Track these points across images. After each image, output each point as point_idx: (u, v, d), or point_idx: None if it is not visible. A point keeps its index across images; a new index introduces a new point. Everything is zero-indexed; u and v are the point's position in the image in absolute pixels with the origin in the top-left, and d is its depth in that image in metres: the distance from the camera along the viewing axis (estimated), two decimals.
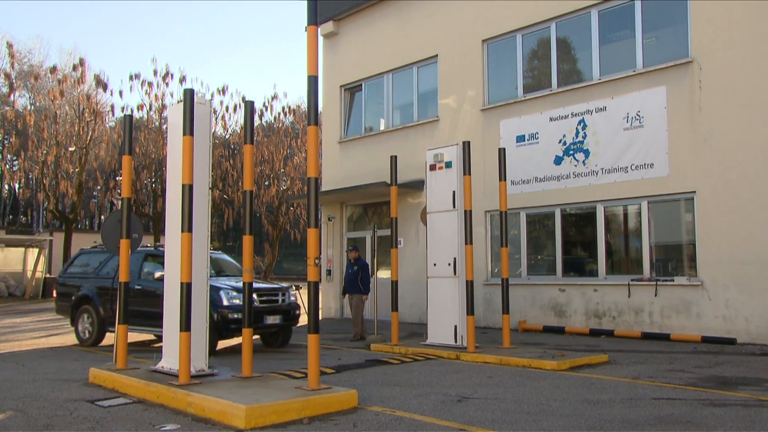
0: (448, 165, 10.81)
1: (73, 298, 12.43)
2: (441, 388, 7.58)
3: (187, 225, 7.18)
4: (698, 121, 11.60)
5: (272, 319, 10.89)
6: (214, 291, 10.20)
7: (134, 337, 12.72)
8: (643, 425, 5.80)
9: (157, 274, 10.73)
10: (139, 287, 11.29)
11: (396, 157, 11.79)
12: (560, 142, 13.44)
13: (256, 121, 38.18)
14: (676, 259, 12.28)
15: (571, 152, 13.27)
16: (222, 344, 11.53)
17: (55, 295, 13.25)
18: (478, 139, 14.38)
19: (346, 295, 13.44)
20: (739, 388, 7.36)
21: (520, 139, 14.11)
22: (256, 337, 11.10)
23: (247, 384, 7.16)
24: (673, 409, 6.42)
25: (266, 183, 38.48)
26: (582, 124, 13.13)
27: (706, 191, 11.47)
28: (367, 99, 18.11)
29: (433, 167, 11.06)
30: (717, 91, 11.43)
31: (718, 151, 11.35)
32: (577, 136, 13.19)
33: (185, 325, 7.07)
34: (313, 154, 7.07)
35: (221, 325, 10.25)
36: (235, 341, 11.48)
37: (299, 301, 11.44)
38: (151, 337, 12.69)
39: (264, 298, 10.90)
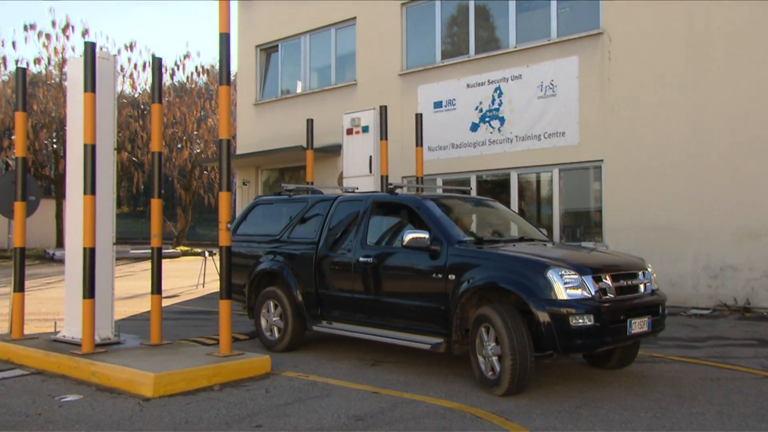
0: (365, 129, 10.74)
1: (249, 274, 8.14)
2: (357, 353, 7.61)
3: (90, 187, 6.78)
4: (607, 92, 11.99)
5: (639, 326, 5.70)
6: (535, 270, 5.61)
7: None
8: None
9: (409, 237, 6.22)
10: (365, 259, 6.84)
11: (312, 120, 11.57)
12: (477, 109, 13.59)
13: (168, 81, 36.62)
14: (584, 225, 12.77)
15: (487, 119, 13.46)
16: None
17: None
18: (396, 104, 14.33)
19: None
20: None
21: (438, 105, 14.16)
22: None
23: (155, 352, 6.93)
24: (561, 370, 6.71)
25: (179, 146, 37.18)
26: (498, 91, 13.31)
27: (612, 160, 11.93)
28: (283, 60, 17.64)
29: (350, 131, 10.97)
30: (625, 63, 11.82)
31: (625, 122, 11.80)
32: (493, 104, 13.37)
33: (89, 292, 6.73)
34: (225, 115, 6.82)
35: (554, 336, 5.36)
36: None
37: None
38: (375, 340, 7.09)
39: (621, 283, 5.81)
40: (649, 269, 6.33)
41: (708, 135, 10.91)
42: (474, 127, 13.62)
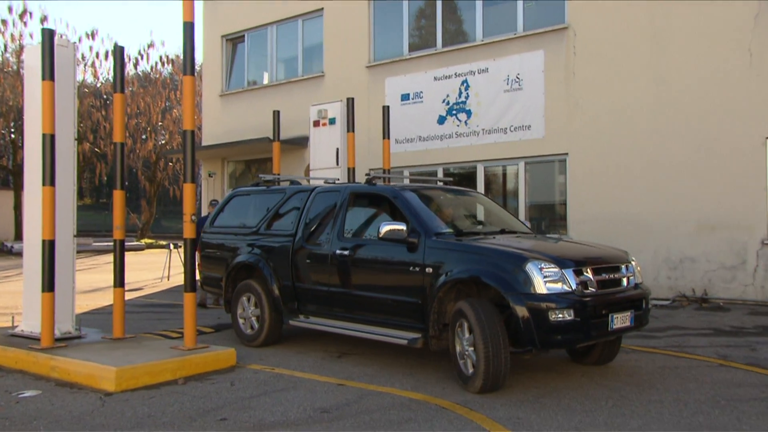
0: (332, 122, 10.68)
1: (226, 267, 7.94)
2: (323, 345, 7.60)
3: (49, 178, 6.64)
4: (572, 86, 12.14)
5: (621, 321, 5.56)
6: (513, 263, 5.46)
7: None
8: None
9: (385, 229, 6.02)
10: (342, 251, 6.68)
11: (279, 112, 11.47)
12: (444, 101, 13.63)
13: (131, 71, 35.94)
14: (549, 218, 12.94)
15: (454, 112, 13.52)
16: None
17: (199, 261, 8.42)
18: (364, 96, 14.29)
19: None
20: None
21: (405, 97, 14.17)
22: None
23: (118, 345, 6.83)
24: (525, 361, 6.81)
25: (143, 137, 36.58)
26: (465, 84, 13.37)
27: (577, 154, 12.10)
28: (250, 51, 17.44)
29: (316, 123, 10.90)
30: (589, 58, 11.98)
31: (589, 116, 11.96)
32: (460, 97, 13.43)
33: (48, 285, 6.59)
34: (189, 106, 6.72)
35: (533, 332, 5.21)
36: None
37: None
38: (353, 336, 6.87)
39: (604, 277, 5.66)
40: (633, 262, 6.11)
41: (669, 130, 11.13)
42: (441, 120, 13.67)
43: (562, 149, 12.26)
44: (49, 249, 6.60)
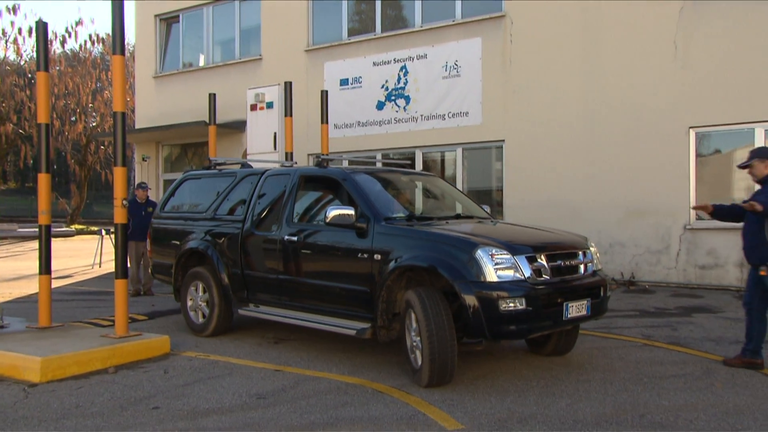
0: (270, 105, 10.56)
1: (176, 254, 7.65)
2: (260, 331, 7.55)
3: None
4: (509, 74, 12.34)
5: (577, 309, 5.32)
6: (463, 249, 5.18)
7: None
8: None
9: (332, 214, 5.74)
10: (291, 237, 6.41)
11: (215, 95, 11.26)
12: (383, 87, 13.63)
13: (59, 49, 34.42)
14: (486, 203, 13.09)
15: (393, 98, 13.54)
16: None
17: (149, 247, 8.48)
18: (302, 80, 14.14)
19: (131, 243, 9.92)
20: None
21: (344, 82, 14.10)
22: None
23: (44, 335, 6.58)
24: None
25: (72, 118, 35.16)
26: (404, 70, 13.40)
27: (513, 140, 12.33)
28: (185, 32, 16.95)
29: (254, 107, 10.75)
30: (525, 46, 12.20)
31: (525, 104, 12.20)
32: (399, 82, 13.46)
33: None
34: (119, 87, 6.51)
35: (482, 322, 4.95)
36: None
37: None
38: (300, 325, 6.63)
39: (559, 263, 5.43)
40: (592, 249, 5.88)
41: (600, 120, 11.48)
42: (380, 106, 13.68)
43: (498, 136, 12.47)
44: None
